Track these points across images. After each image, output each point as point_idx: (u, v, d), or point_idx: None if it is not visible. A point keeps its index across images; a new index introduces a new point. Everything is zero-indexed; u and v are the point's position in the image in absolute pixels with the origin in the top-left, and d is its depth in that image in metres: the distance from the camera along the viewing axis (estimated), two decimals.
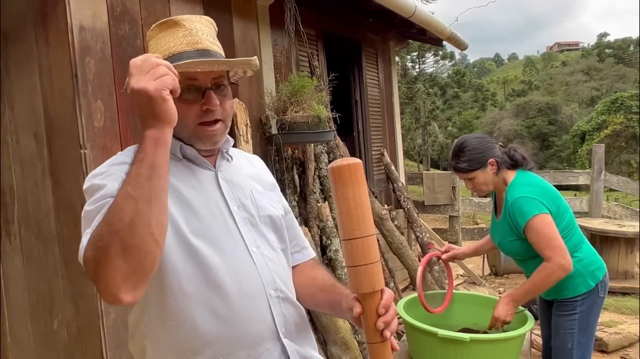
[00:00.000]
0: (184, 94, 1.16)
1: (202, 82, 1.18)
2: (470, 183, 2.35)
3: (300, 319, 1.29)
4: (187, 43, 1.18)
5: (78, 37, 2.19)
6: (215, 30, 1.30)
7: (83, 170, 2.17)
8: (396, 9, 4.23)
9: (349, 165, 1.01)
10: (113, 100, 2.34)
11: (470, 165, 2.29)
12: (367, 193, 1.06)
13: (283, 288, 1.25)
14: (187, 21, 1.22)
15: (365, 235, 1.02)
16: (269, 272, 1.22)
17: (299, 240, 1.45)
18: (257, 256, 1.21)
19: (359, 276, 1.03)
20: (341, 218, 1.03)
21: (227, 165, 1.31)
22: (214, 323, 1.13)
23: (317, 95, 3.12)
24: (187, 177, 1.22)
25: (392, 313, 1.05)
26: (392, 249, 4.06)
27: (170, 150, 1.23)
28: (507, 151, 2.32)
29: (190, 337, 1.12)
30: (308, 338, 1.33)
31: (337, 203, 1.03)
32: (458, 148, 2.34)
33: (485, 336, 2.11)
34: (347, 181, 1.01)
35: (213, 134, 1.21)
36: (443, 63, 30.89)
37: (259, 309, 1.18)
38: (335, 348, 2.77)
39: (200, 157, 1.25)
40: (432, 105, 30.27)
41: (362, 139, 5.26)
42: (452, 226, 6.51)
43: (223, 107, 1.21)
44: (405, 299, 2.35)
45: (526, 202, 2.15)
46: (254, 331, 1.17)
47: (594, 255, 2.32)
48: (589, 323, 2.26)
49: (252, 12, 3.37)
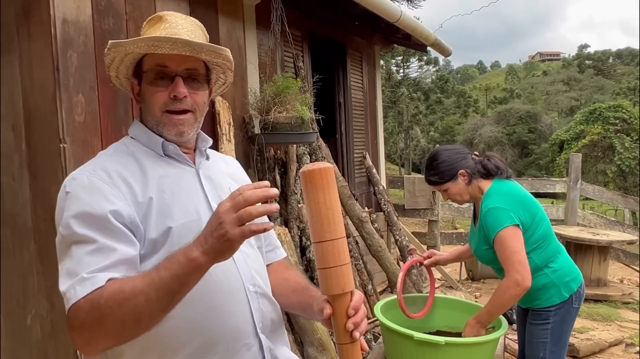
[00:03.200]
0: (154, 79, 1.19)
1: (173, 68, 1.19)
2: (445, 194, 2.37)
3: (277, 316, 1.30)
4: (165, 34, 1.18)
5: (61, 30, 2.17)
6: (204, 36, 1.30)
7: (62, 164, 2.14)
8: (382, 14, 4.26)
9: (320, 169, 1.03)
10: (95, 94, 2.31)
11: (440, 177, 2.31)
12: (338, 197, 1.08)
13: (261, 283, 1.26)
14: (171, 16, 1.24)
15: (335, 237, 1.04)
16: (248, 268, 1.23)
17: (272, 239, 1.47)
18: (236, 253, 1.22)
19: (329, 278, 1.05)
20: (312, 221, 1.05)
21: (206, 163, 1.33)
22: (194, 320, 1.13)
23: (301, 96, 3.13)
24: (169, 173, 1.22)
25: (361, 315, 1.07)
26: (371, 252, 4.08)
27: (152, 147, 1.24)
28: (481, 161, 2.32)
29: (171, 335, 1.11)
30: (281, 334, 1.35)
31: (308, 206, 1.05)
32: (429, 161, 2.37)
33: (460, 339, 2.14)
34: (318, 185, 1.02)
35: (179, 123, 1.21)
36: (427, 68, 31.22)
37: (239, 305, 1.19)
38: (311, 348, 2.77)
39: (182, 154, 1.26)
40: (415, 109, 30.51)
41: (345, 141, 5.28)
42: (431, 231, 6.56)
43: (194, 98, 1.22)
44: (383, 301, 2.37)
45: (498, 213, 2.15)
46: (234, 326, 1.17)
47: (570, 266, 2.33)
48: (562, 332, 2.27)
49: (238, 11, 3.36)
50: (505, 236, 2.12)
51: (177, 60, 1.18)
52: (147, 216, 1.13)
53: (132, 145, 1.26)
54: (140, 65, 1.23)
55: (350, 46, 5.28)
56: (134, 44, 1.16)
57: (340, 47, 5.18)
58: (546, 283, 2.24)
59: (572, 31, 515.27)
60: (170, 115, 1.20)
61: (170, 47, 1.14)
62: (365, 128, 5.75)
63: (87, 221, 1.06)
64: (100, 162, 1.19)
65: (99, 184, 1.11)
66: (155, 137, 1.24)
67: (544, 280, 2.25)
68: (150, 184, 1.17)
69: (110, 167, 1.16)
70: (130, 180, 1.15)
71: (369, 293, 3.80)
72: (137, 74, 1.25)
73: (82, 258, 1.02)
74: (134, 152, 1.23)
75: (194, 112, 1.23)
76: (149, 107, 1.22)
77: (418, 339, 2.00)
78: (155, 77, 1.20)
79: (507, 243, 2.12)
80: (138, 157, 1.22)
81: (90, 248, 1.03)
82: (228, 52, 1.23)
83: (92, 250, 1.03)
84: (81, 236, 1.04)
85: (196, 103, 1.23)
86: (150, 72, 1.20)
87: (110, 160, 1.20)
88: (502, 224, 2.13)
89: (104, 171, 1.14)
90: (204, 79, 1.26)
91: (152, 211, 1.13)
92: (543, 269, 2.25)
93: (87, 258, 1.02)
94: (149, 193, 1.15)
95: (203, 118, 1.29)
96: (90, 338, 1.00)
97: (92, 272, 1.00)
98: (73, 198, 1.09)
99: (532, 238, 2.22)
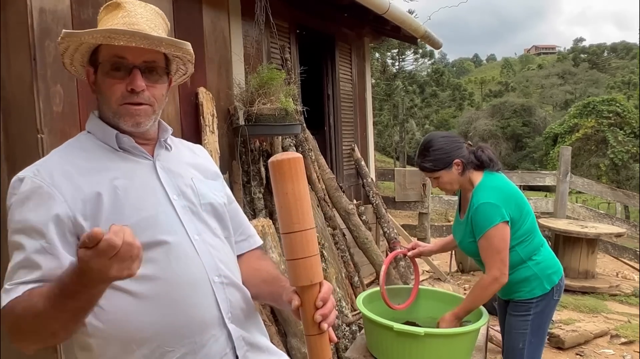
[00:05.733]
0: (110, 70, 1.17)
1: (131, 60, 1.16)
2: (436, 182, 2.34)
3: (247, 305, 1.30)
4: (123, 23, 1.15)
5: (38, 20, 2.14)
6: (165, 24, 1.28)
7: (40, 154, 2.12)
8: (370, 5, 4.24)
9: (289, 160, 1.02)
10: (73, 85, 2.29)
11: (435, 165, 2.28)
12: (307, 188, 1.07)
13: (227, 273, 1.25)
14: (129, 4, 1.20)
15: (303, 228, 1.03)
16: (212, 259, 1.22)
17: (244, 228, 1.45)
18: (199, 244, 1.21)
19: (297, 269, 1.05)
20: (280, 212, 1.04)
21: (165, 154, 1.30)
22: (157, 313, 1.12)
23: (285, 87, 3.11)
24: (123, 169, 1.20)
25: (329, 306, 1.07)
26: (358, 244, 4.08)
27: (107, 142, 1.22)
28: (474, 151, 2.31)
29: (135, 328, 1.11)
30: (256, 322, 1.34)
31: (277, 197, 1.04)
32: (424, 147, 2.32)
33: (440, 330, 2.15)
34: (287, 175, 1.02)
35: (136, 113, 1.19)
36: (422, 61, 31.07)
37: (203, 297, 1.18)
38: (294, 340, 2.78)
39: (137, 147, 1.23)
40: (410, 102, 30.44)
41: (333, 134, 5.27)
42: (422, 223, 6.57)
43: (152, 92, 1.20)
44: (366, 293, 2.37)
45: (489, 209, 2.15)
46: (199, 318, 1.17)
47: (552, 259, 2.34)
48: (541, 324, 2.29)
49: (223, 1, 3.33)
50: (493, 235, 2.14)
51: (135, 52, 1.15)
52: (96, 213, 1.12)
53: (86, 140, 1.24)
54: (96, 53, 1.21)
55: (339, 38, 5.26)
56: (90, 35, 1.14)
57: (328, 39, 5.15)
58: (529, 276, 2.25)
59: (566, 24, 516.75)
60: (127, 106, 1.18)
61: (128, 39, 1.11)
62: (354, 120, 5.74)
63: (23, 231, 1.08)
64: (47, 160, 1.18)
65: (39, 189, 1.11)
66: (110, 130, 1.22)
67: (527, 273, 2.26)
68: (101, 181, 1.15)
69: (55, 166, 1.15)
70: (75, 178, 1.14)
71: (355, 285, 3.80)
72: (93, 62, 1.22)
73: (12, 268, 1.07)
74: (87, 147, 1.22)
75: (152, 105, 1.21)
76: (106, 99, 1.20)
77: (398, 330, 2.01)
78: (111, 68, 1.17)
79: (494, 242, 2.14)
80: (90, 152, 1.20)
81: (20, 258, 1.07)
82: (188, 45, 1.21)
83: (20, 262, 1.07)
84: (17, 244, 1.08)
85: (154, 97, 1.21)
86: (106, 62, 1.18)
87: (58, 157, 1.19)
88: (493, 221, 2.13)
89: (47, 171, 1.13)
90: (163, 71, 1.23)
91: (103, 208, 1.12)
92: (527, 262, 2.26)
93: (16, 270, 1.06)
94: (97, 188, 1.13)
95: (161, 110, 1.27)
96: (16, 339, 1.05)
97: (14, 284, 1.04)
98: (16, 203, 1.12)
99: (519, 232, 2.23)
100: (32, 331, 1.00)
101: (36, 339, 1.03)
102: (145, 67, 1.18)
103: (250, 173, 3.15)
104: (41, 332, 1.00)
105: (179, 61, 1.30)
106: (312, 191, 3.81)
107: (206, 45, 3.15)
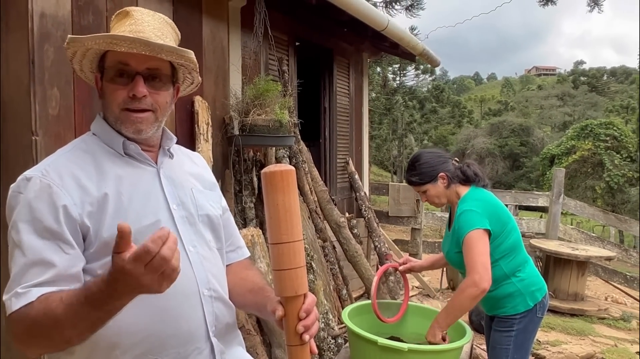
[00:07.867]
0: (114, 76, 1.18)
1: (134, 67, 1.17)
2: (424, 196, 2.41)
3: (231, 320, 1.31)
4: (129, 31, 1.17)
5: (38, 24, 2.18)
6: (175, 33, 1.29)
7: (33, 156, 2.15)
8: (369, 22, 4.29)
9: (281, 172, 1.04)
10: (70, 89, 2.32)
11: (421, 178, 2.36)
12: (297, 200, 1.09)
13: (217, 287, 1.26)
14: (137, 12, 1.22)
15: (291, 240, 1.05)
16: (204, 272, 1.23)
17: (234, 239, 1.47)
18: (193, 256, 1.22)
19: (283, 280, 1.06)
20: (270, 223, 1.06)
21: (168, 162, 1.31)
22: (145, 321, 1.13)
23: (280, 99, 3.15)
24: (128, 174, 1.21)
25: (312, 318, 1.08)
26: (348, 257, 4.09)
27: (113, 146, 1.23)
28: (461, 166, 2.38)
29: (120, 334, 1.11)
30: (235, 336, 1.35)
31: (267, 207, 1.05)
32: (411, 162, 2.41)
33: (423, 346, 2.15)
34: (278, 186, 1.03)
35: (137, 120, 1.20)
36: (423, 77, 31.21)
37: (192, 308, 1.19)
38: (279, 350, 2.78)
39: (142, 154, 1.24)
40: (410, 117, 30.55)
41: (328, 146, 5.30)
42: (414, 239, 6.58)
43: (155, 98, 1.20)
44: (352, 306, 2.38)
45: (471, 215, 2.20)
46: (186, 329, 1.17)
47: (536, 276, 2.37)
48: (524, 340, 2.32)
49: (223, 12, 3.37)
50: (473, 237, 2.16)
51: (139, 59, 1.17)
52: (101, 214, 1.12)
53: (92, 142, 1.24)
54: (103, 60, 1.22)
55: (338, 52, 5.31)
56: (93, 41, 1.15)
57: (327, 53, 5.20)
58: (512, 292, 2.28)
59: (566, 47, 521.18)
60: (128, 113, 1.19)
61: (129, 45, 1.13)
62: (350, 134, 5.78)
63: (34, 229, 1.06)
64: (55, 161, 1.18)
65: (49, 188, 1.10)
66: (116, 136, 1.23)
67: (510, 288, 2.29)
68: (107, 183, 1.16)
69: (63, 168, 1.15)
70: (83, 181, 1.14)
71: (344, 298, 3.81)
72: (100, 69, 1.24)
73: (21, 269, 1.04)
74: (93, 150, 1.22)
75: (154, 111, 1.21)
76: (108, 104, 1.21)
77: (382, 345, 2.01)
78: (115, 74, 1.18)
79: (474, 244, 2.15)
80: (97, 155, 1.21)
81: (31, 259, 1.05)
82: (190, 53, 1.21)
83: (32, 263, 1.04)
84: (25, 244, 1.06)
85: (157, 103, 1.21)
86: (111, 68, 1.19)
87: (65, 159, 1.19)
88: (474, 226, 2.17)
89: (56, 172, 1.13)
90: (167, 79, 1.24)
91: (108, 209, 1.12)
92: (510, 277, 2.29)
93: (26, 271, 1.04)
94: (104, 189, 1.14)
95: (165, 117, 1.28)
96: (26, 345, 1.04)
97: (27, 287, 1.02)
98: (24, 202, 1.09)
99: (502, 246, 2.26)
100: (46, 336, 1.00)
101: (48, 345, 1.03)
102: (149, 74, 1.19)
103: (242, 183, 3.17)
104: (55, 338, 0.99)
105: (184, 70, 1.31)
106: (304, 203, 3.82)
107: (204, 54, 3.19)
